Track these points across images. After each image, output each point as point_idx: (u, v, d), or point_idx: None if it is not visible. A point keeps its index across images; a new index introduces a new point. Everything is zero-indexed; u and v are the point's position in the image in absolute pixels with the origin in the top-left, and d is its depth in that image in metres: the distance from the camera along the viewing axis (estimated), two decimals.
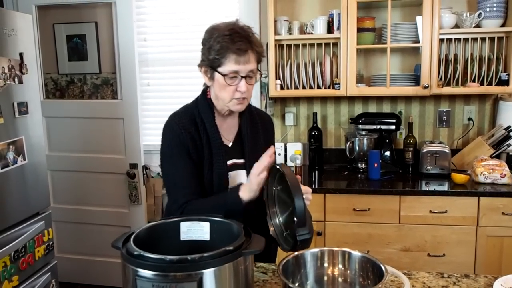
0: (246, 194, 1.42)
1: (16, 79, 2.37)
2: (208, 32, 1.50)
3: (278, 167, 1.37)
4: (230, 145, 1.60)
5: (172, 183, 1.55)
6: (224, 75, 1.45)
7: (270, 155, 1.40)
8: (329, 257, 1.30)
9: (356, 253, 1.27)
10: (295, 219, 1.25)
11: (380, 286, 1.09)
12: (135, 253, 1.02)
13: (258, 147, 1.58)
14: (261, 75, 1.53)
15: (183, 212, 1.48)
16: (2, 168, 2.26)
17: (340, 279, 1.29)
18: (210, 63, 1.47)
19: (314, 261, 1.30)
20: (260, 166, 1.40)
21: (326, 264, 1.30)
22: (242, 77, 1.46)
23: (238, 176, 1.58)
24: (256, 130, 1.64)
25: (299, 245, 1.30)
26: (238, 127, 1.63)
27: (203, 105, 1.57)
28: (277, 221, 1.44)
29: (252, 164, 1.48)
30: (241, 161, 1.60)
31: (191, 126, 1.54)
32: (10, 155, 2.32)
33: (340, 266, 1.29)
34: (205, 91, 1.59)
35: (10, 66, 2.32)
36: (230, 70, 1.44)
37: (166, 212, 1.68)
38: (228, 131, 1.61)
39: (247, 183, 1.46)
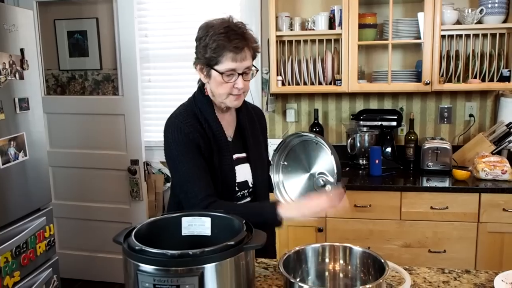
0: (287, 212, 1.45)
1: (17, 75, 2.37)
2: (202, 29, 1.49)
3: (313, 135, 1.57)
4: (231, 140, 1.62)
5: (187, 180, 1.50)
6: (221, 73, 1.46)
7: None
8: (330, 252, 1.30)
9: (357, 249, 1.27)
10: (335, 174, 1.58)
11: (381, 281, 1.09)
12: (137, 248, 1.02)
13: (258, 140, 1.65)
14: (256, 70, 1.55)
15: (208, 206, 1.44)
16: (3, 164, 2.26)
17: (341, 275, 1.30)
18: (206, 61, 1.47)
19: (316, 256, 1.30)
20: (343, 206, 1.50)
21: (327, 260, 1.30)
22: (239, 74, 1.47)
23: (243, 170, 1.60)
24: (254, 124, 1.67)
25: None
26: (235, 122, 1.65)
27: (202, 102, 1.57)
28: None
29: (255, 157, 1.59)
30: (243, 155, 1.62)
31: (197, 124, 1.53)
32: (11, 150, 2.32)
33: (341, 261, 1.30)
34: (202, 88, 1.59)
35: (11, 62, 2.32)
36: (227, 68, 1.45)
37: (184, 207, 1.58)
38: (227, 126, 1.61)
39: (297, 203, 1.59)
